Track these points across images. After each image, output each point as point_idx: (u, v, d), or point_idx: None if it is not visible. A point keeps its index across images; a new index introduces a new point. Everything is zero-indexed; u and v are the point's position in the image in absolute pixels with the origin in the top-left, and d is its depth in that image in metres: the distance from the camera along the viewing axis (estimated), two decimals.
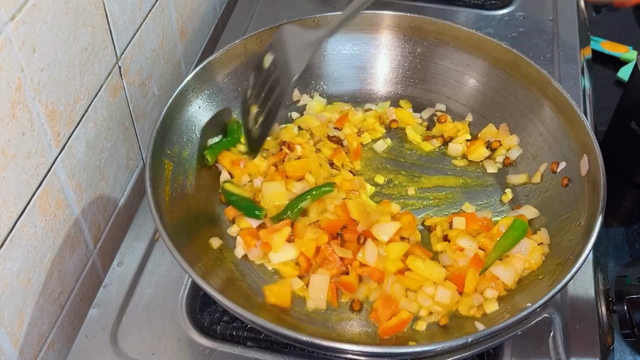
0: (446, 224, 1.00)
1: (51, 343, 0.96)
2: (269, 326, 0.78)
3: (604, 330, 0.94)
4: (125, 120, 1.09)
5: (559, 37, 1.37)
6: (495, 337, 0.80)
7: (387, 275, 0.92)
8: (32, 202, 0.85)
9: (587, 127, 0.97)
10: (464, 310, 0.90)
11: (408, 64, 1.19)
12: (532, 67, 1.06)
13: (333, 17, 0.99)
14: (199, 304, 0.96)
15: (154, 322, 0.93)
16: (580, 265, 0.83)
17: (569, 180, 0.99)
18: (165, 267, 1.00)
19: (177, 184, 0.98)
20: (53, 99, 0.86)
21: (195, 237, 0.95)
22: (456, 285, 0.92)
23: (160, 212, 0.88)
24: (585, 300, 0.96)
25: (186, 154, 1.02)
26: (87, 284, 1.04)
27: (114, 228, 1.11)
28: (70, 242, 0.97)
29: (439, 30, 1.15)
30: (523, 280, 0.92)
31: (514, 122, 1.10)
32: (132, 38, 1.06)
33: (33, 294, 0.89)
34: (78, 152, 0.95)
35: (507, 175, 1.08)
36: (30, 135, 0.82)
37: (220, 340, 0.92)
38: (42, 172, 0.87)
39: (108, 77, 1.00)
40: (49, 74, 0.84)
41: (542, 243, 0.95)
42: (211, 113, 1.08)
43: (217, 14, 1.47)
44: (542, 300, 0.79)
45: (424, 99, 1.19)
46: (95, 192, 1.02)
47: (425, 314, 0.90)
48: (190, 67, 1.34)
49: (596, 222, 0.87)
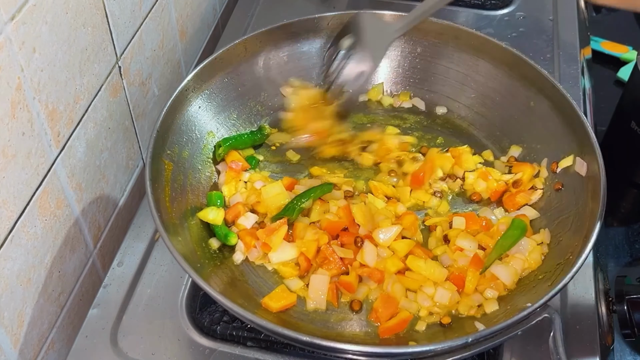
0: (446, 224, 1.00)
1: (51, 343, 0.96)
2: (269, 326, 0.78)
3: (604, 330, 0.94)
4: (125, 120, 1.09)
5: (559, 37, 1.37)
6: (495, 337, 0.80)
7: (387, 275, 0.93)
8: (32, 202, 0.85)
9: (587, 127, 0.97)
10: (464, 310, 0.90)
11: (408, 64, 1.19)
12: (532, 67, 1.06)
13: (408, 14, 1.03)
14: (199, 304, 0.96)
15: (154, 322, 0.94)
16: (580, 265, 0.83)
17: (562, 185, 1.00)
18: (165, 267, 1.00)
19: (177, 184, 0.98)
20: (53, 99, 0.86)
21: (195, 237, 0.95)
22: (456, 285, 0.92)
23: (160, 212, 0.88)
24: (585, 300, 0.96)
25: (186, 154, 1.02)
26: (87, 284, 1.04)
27: (114, 228, 1.11)
28: (70, 242, 0.97)
29: (439, 30, 1.15)
30: (523, 280, 0.92)
31: (514, 122, 1.10)
32: (132, 38, 1.06)
33: (33, 294, 0.89)
34: (78, 152, 0.95)
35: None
36: (30, 135, 0.82)
37: (220, 340, 0.92)
38: (42, 172, 0.87)
39: (108, 77, 1.00)
40: (49, 74, 0.84)
41: (542, 242, 0.95)
42: (211, 113, 1.08)
43: (217, 14, 1.47)
44: (542, 300, 0.79)
45: (424, 99, 1.19)
46: (95, 192, 1.02)
47: (425, 314, 0.90)
48: (190, 67, 1.34)
49: (596, 222, 0.87)
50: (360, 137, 1.12)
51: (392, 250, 0.95)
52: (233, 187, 1.03)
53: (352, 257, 0.94)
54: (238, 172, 1.05)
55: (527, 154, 1.08)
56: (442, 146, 1.12)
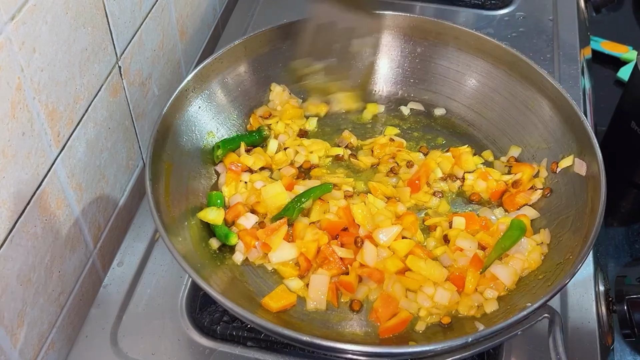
0: (446, 223, 1.00)
1: (51, 343, 0.96)
2: (269, 326, 0.78)
3: (604, 330, 0.94)
4: (125, 120, 1.09)
5: (559, 37, 1.37)
6: (495, 337, 0.80)
7: (387, 276, 0.93)
8: (32, 202, 0.85)
9: (586, 127, 0.97)
10: (464, 310, 0.90)
11: (408, 64, 1.19)
12: (531, 68, 1.06)
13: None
14: (199, 304, 0.97)
15: (154, 322, 0.94)
16: (580, 265, 0.83)
17: (551, 190, 1.01)
18: (165, 267, 1.00)
19: (177, 184, 0.98)
20: (53, 99, 0.86)
21: (195, 237, 0.95)
22: (456, 285, 0.92)
23: (160, 212, 0.88)
24: (585, 300, 0.96)
25: (186, 154, 1.02)
26: (87, 284, 1.04)
27: (114, 228, 1.11)
28: (70, 242, 0.97)
29: (439, 31, 1.15)
30: (523, 280, 0.93)
31: (514, 122, 1.10)
32: (132, 38, 1.06)
33: (33, 294, 0.89)
34: (78, 152, 0.95)
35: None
36: (30, 135, 0.82)
37: (220, 340, 0.92)
38: (42, 172, 0.87)
39: (108, 77, 1.00)
40: (49, 74, 0.84)
41: (541, 243, 0.95)
42: (211, 113, 1.08)
43: (217, 14, 1.47)
44: (542, 300, 0.79)
45: (423, 99, 1.19)
46: (95, 192, 1.02)
47: (425, 315, 0.90)
48: (190, 67, 1.34)
49: (596, 222, 0.87)
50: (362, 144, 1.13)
51: (392, 250, 0.95)
52: (233, 188, 1.03)
53: (352, 257, 0.94)
54: (238, 174, 1.05)
55: (527, 154, 1.08)
56: (442, 147, 1.13)
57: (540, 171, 1.04)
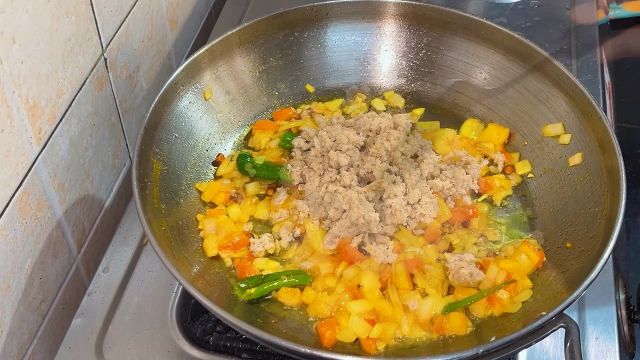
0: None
1: (32, 355, 0.96)
2: (266, 337, 0.78)
3: (625, 341, 0.94)
4: (111, 116, 1.09)
5: (577, 27, 1.37)
6: (508, 348, 0.80)
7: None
8: (12, 204, 0.85)
9: (605, 123, 0.97)
10: (479, 312, 0.90)
11: (413, 55, 1.19)
12: (546, 59, 1.06)
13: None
14: (190, 313, 0.97)
15: (142, 332, 0.94)
16: (598, 271, 0.82)
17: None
18: (154, 273, 1.00)
19: (166, 185, 0.97)
20: (34, 93, 0.86)
21: (185, 241, 0.95)
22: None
23: (149, 215, 0.88)
24: (605, 309, 0.96)
25: (176, 152, 1.02)
26: (71, 291, 1.04)
27: (100, 231, 1.11)
28: (52, 247, 0.97)
29: (447, 20, 1.15)
30: (538, 288, 0.92)
31: (527, 117, 1.10)
32: (118, 28, 1.06)
33: (12, 303, 0.89)
34: (61, 150, 0.95)
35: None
36: (9, 132, 0.82)
37: (213, 352, 0.92)
38: (22, 171, 0.87)
39: (93, 70, 1.00)
40: (30, 67, 0.84)
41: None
42: (203, 108, 1.08)
43: (210, 1, 1.47)
44: (557, 309, 0.79)
45: (430, 92, 1.19)
46: (79, 192, 1.02)
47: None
48: (180, 59, 1.34)
49: (616, 225, 0.87)
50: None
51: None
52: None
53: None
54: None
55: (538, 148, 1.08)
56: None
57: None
